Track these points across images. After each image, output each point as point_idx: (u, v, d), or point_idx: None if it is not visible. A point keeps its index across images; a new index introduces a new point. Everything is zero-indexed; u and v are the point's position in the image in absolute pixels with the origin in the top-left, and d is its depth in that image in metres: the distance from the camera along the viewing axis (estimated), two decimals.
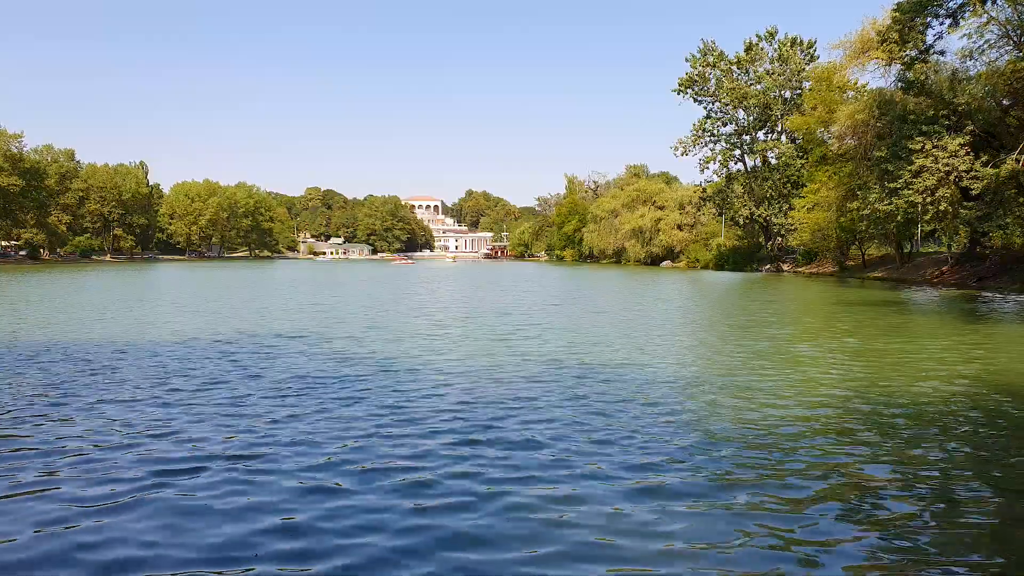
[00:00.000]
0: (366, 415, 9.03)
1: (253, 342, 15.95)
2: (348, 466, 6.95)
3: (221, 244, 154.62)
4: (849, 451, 7.58)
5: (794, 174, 71.93)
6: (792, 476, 6.74)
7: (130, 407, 9.41)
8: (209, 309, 25.12)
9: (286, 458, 7.19)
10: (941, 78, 40.96)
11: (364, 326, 19.64)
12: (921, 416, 9.19)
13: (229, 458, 7.16)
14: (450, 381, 11.40)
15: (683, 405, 9.71)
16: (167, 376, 11.60)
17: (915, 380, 11.80)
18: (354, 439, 7.90)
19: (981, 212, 39.10)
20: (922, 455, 7.45)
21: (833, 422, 8.82)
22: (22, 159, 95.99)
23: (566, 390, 10.62)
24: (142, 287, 40.27)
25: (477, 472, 6.78)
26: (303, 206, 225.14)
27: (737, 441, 7.87)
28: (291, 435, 8.04)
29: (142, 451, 7.42)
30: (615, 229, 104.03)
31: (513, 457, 7.28)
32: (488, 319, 22.00)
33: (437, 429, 8.34)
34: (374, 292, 37.32)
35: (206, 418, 8.83)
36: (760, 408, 9.53)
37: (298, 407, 9.46)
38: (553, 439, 7.93)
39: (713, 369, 12.79)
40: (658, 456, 7.31)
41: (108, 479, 6.55)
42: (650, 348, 15.49)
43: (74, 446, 7.58)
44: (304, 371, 12.21)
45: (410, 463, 7.07)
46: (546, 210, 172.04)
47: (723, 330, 19.80)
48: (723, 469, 6.91)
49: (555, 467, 6.96)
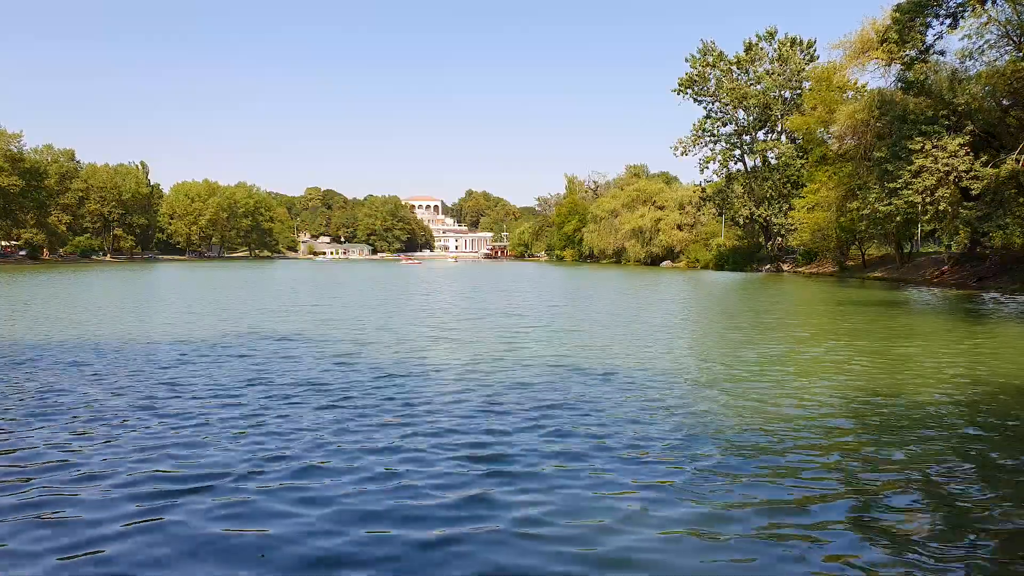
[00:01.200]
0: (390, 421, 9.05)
1: (270, 346, 15.96)
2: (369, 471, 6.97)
3: (221, 244, 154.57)
4: (850, 451, 7.59)
5: (794, 174, 71.92)
6: (794, 477, 6.76)
7: (154, 416, 9.42)
8: (225, 313, 25.11)
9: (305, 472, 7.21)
10: (941, 78, 40.95)
11: (393, 331, 19.63)
12: (921, 416, 9.20)
13: (244, 473, 7.16)
14: (470, 387, 11.41)
15: (688, 406, 9.73)
16: (192, 384, 11.60)
17: (915, 380, 11.82)
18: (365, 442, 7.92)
19: (981, 212, 39.08)
20: (923, 456, 7.47)
21: (834, 423, 8.84)
22: (22, 159, 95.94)
23: (574, 392, 10.65)
24: (147, 289, 40.28)
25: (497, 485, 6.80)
26: (303, 206, 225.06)
27: (739, 441, 7.89)
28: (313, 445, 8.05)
29: (169, 462, 7.43)
30: (615, 229, 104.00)
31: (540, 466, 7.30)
32: (498, 319, 22.04)
33: (455, 430, 8.36)
34: (396, 296, 37.29)
35: (219, 431, 8.85)
36: (761, 408, 9.54)
37: (322, 418, 9.46)
38: (560, 440, 7.96)
39: (715, 370, 12.80)
40: (661, 456, 7.33)
41: (132, 482, 6.58)
42: (652, 349, 15.50)
43: (96, 458, 7.59)
44: (338, 379, 12.20)
45: (413, 466, 7.10)
46: (546, 210, 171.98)
47: (725, 331, 19.82)
48: (725, 469, 6.93)
49: (559, 467, 6.98)
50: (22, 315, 22.17)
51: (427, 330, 18.97)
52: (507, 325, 20.20)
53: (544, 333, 18.20)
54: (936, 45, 41.43)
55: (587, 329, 19.28)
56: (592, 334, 18.06)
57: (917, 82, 41.44)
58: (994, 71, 40.15)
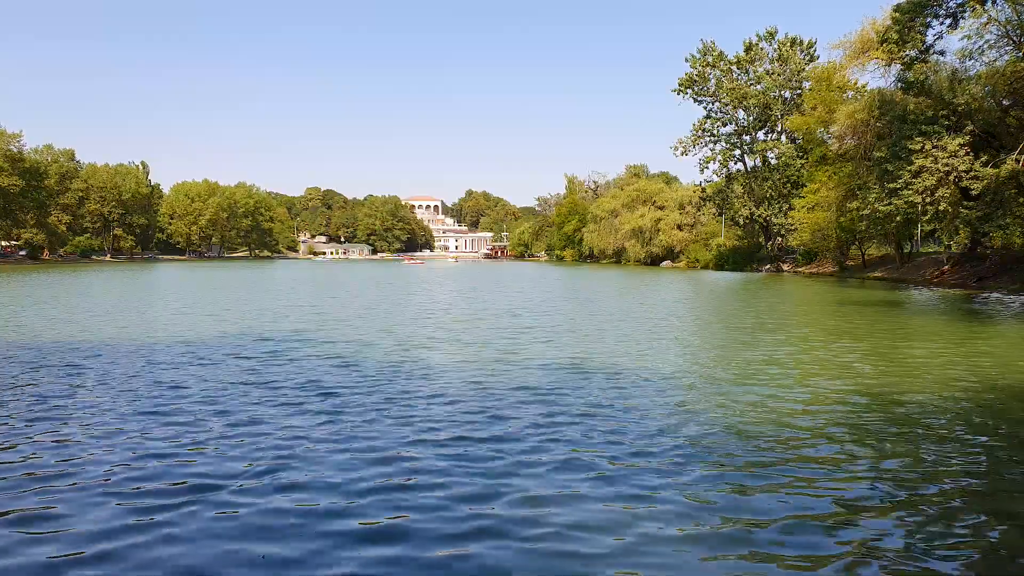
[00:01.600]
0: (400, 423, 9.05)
1: (269, 347, 15.96)
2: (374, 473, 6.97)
3: (221, 244, 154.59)
4: (850, 452, 7.60)
5: (794, 174, 71.93)
6: (794, 478, 6.76)
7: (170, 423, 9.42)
8: (226, 314, 25.09)
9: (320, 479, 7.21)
10: (941, 78, 40.94)
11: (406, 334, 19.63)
12: (922, 416, 9.21)
13: (245, 475, 7.14)
14: (470, 387, 11.41)
15: (689, 406, 9.73)
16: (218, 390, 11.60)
17: (915, 380, 11.81)
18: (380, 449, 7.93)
19: (981, 212, 39.07)
20: (923, 456, 7.47)
21: (835, 423, 8.83)
22: (22, 159, 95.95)
23: (576, 393, 10.66)
24: (146, 290, 40.27)
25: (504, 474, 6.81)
26: (303, 206, 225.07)
27: (740, 441, 7.89)
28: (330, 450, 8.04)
29: (183, 469, 7.43)
30: (615, 229, 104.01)
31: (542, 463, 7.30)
32: (499, 319, 22.06)
33: (455, 431, 8.37)
34: (396, 296, 37.27)
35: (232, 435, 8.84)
36: (762, 409, 9.54)
37: (337, 423, 9.46)
38: (567, 442, 7.97)
39: (715, 370, 12.81)
40: (663, 456, 7.33)
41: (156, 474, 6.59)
42: (655, 350, 15.51)
43: (114, 455, 7.59)
44: (351, 382, 12.20)
45: (417, 466, 7.10)
46: (546, 210, 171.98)
47: (726, 332, 19.82)
48: (725, 469, 6.94)
49: (565, 470, 6.99)
50: (22, 315, 22.16)
51: (426, 330, 18.97)
52: (507, 325, 20.20)
53: (544, 333, 18.20)
54: (936, 45, 41.45)
55: (586, 329, 19.27)
56: (592, 334, 18.05)
57: (917, 82, 41.44)
58: (994, 71, 40.16)
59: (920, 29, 40.48)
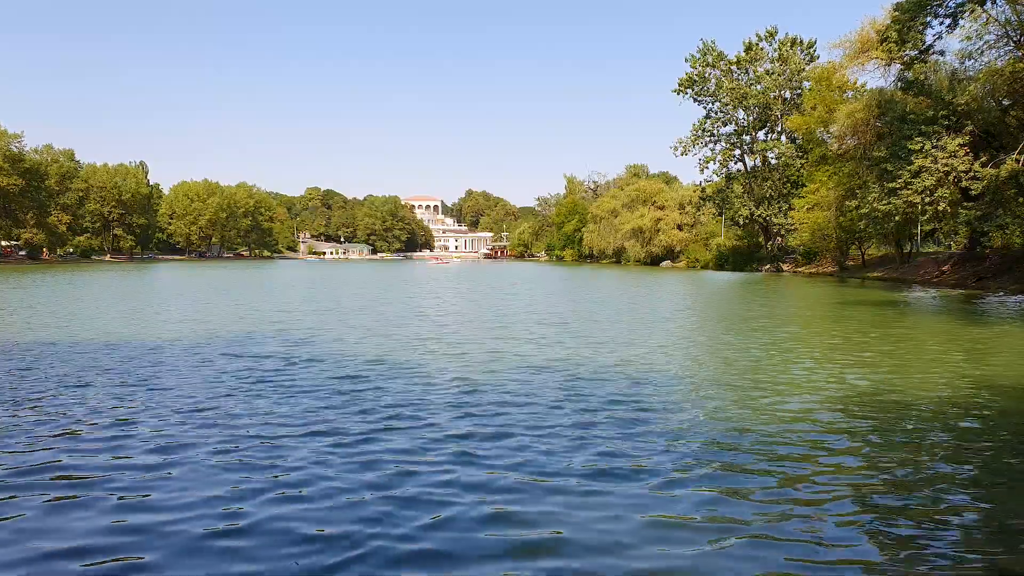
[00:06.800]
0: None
1: (272, 348, 15.97)
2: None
3: (221, 244, 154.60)
4: (851, 453, 7.61)
5: (794, 174, 71.92)
6: (795, 478, 6.77)
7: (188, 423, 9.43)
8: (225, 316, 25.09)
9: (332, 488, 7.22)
10: (941, 78, 40.96)
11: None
12: (923, 416, 9.22)
13: (244, 476, 7.17)
14: (471, 388, 11.42)
15: (690, 407, 9.75)
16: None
17: (915, 380, 11.83)
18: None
19: (981, 212, 39.08)
20: (924, 456, 7.49)
21: (836, 424, 8.85)
22: (22, 159, 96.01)
23: (578, 394, 10.68)
24: (146, 292, 40.25)
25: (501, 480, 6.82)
26: (303, 206, 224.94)
27: (740, 441, 7.91)
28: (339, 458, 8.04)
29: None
30: (615, 229, 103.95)
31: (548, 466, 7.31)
32: (500, 320, 22.06)
33: (456, 430, 8.38)
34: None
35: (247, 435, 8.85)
36: (762, 409, 9.56)
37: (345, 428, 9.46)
38: (569, 442, 7.98)
39: (715, 371, 12.82)
40: (664, 457, 7.35)
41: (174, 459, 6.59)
42: (654, 350, 15.52)
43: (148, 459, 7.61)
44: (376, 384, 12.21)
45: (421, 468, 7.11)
46: (546, 210, 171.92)
47: (726, 333, 19.83)
48: (726, 468, 6.96)
49: (567, 469, 7.00)
50: (20, 316, 22.19)
51: (426, 331, 19.00)
52: (509, 326, 20.23)
53: (544, 334, 18.22)
54: (936, 45, 41.51)
55: (588, 329, 19.29)
56: (592, 335, 18.07)
57: (917, 82, 41.46)
58: (994, 71, 40.18)
59: (920, 29, 40.54)
